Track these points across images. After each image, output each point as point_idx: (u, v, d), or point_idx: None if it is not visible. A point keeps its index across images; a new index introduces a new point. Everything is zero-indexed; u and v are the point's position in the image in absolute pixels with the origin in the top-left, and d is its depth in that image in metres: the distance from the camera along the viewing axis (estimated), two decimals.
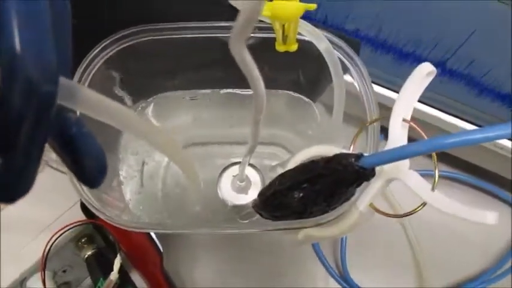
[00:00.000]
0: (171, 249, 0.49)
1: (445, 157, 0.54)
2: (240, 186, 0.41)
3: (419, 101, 0.48)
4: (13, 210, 0.42)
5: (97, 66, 0.33)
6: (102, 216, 0.29)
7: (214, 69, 0.40)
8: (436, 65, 0.43)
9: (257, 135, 0.30)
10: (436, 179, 0.26)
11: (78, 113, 0.25)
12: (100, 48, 0.33)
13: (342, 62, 0.34)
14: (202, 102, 0.46)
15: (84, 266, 0.44)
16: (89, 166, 0.18)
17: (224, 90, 0.45)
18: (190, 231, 0.30)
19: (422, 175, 0.25)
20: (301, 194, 0.27)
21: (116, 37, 0.33)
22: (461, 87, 0.44)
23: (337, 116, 0.38)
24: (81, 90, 0.17)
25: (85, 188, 0.30)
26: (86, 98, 0.18)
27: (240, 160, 0.37)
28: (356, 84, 0.34)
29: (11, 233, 0.41)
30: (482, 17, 0.37)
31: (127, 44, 0.34)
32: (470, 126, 0.48)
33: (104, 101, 0.19)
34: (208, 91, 0.45)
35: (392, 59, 0.45)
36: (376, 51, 0.45)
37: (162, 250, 0.44)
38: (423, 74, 0.27)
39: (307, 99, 0.45)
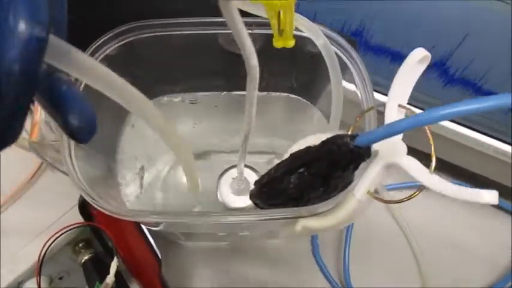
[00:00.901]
0: (170, 256, 0.48)
1: (444, 166, 0.54)
2: (239, 188, 0.41)
3: (416, 106, 0.48)
4: (12, 213, 0.42)
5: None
6: (98, 207, 0.29)
7: (214, 70, 0.40)
8: (432, 66, 0.43)
9: (252, 115, 0.29)
10: (434, 161, 0.26)
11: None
12: (100, 43, 0.33)
13: (340, 58, 0.34)
14: (201, 106, 0.46)
15: (81, 273, 0.43)
16: (78, 123, 0.18)
17: (224, 93, 0.45)
18: (186, 220, 0.30)
19: None
20: (297, 179, 0.27)
21: (115, 32, 0.33)
22: (458, 90, 0.45)
23: (335, 116, 0.38)
24: (74, 52, 0.18)
25: (84, 182, 0.30)
26: (79, 60, 0.18)
27: None
28: (354, 78, 0.34)
29: (9, 235, 0.41)
30: (479, 18, 0.38)
31: (126, 41, 0.34)
32: (466, 130, 0.48)
33: (96, 65, 0.19)
34: (207, 94, 0.45)
35: (388, 61, 0.45)
36: (372, 54, 0.45)
37: (160, 257, 0.44)
38: (417, 58, 0.27)
39: (304, 100, 0.45)
